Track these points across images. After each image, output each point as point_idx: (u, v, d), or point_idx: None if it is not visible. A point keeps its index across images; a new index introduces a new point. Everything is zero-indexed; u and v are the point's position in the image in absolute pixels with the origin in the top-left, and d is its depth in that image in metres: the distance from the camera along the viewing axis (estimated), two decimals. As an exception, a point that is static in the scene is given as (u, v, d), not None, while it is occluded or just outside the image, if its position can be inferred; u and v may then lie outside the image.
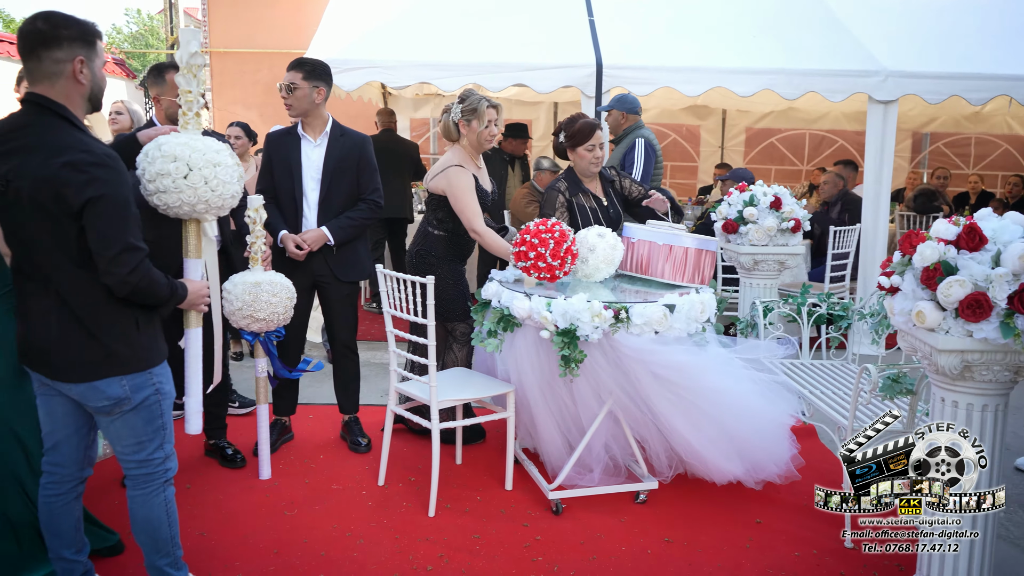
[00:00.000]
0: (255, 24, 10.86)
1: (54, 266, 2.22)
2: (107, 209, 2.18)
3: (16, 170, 2.16)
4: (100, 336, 2.26)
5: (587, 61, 6.21)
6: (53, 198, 2.14)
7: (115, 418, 2.36)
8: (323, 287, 4.02)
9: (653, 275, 3.71)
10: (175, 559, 2.53)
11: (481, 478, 3.75)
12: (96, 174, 2.16)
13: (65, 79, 2.24)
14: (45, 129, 2.20)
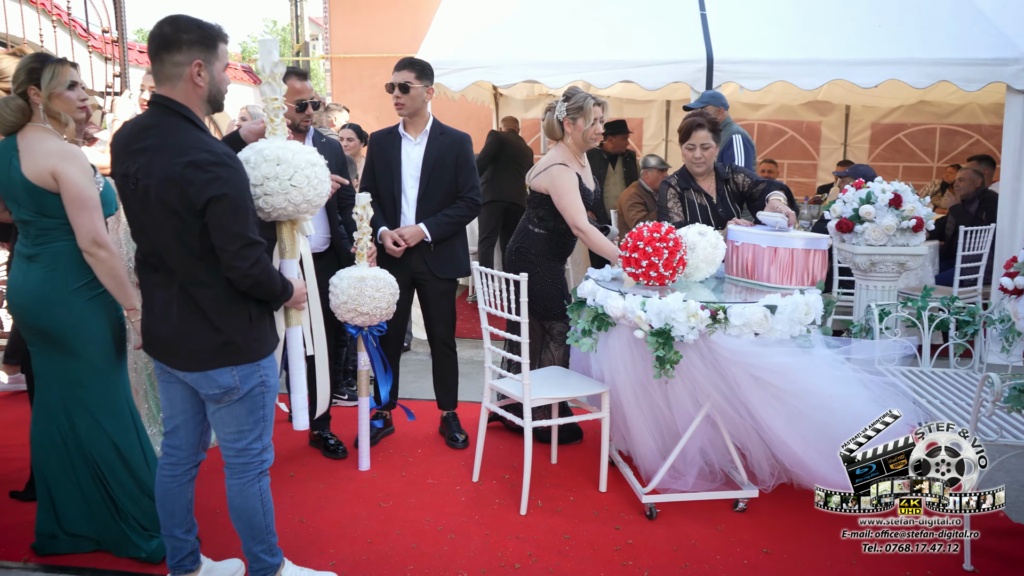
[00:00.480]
0: (373, 29, 11.20)
1: (177, 259, 2.34)
2: (229, 206, 2.28)
3: (144, 169, 2.29)
4: (218, 327, 2.37)
5: (697, 56, 6.06)
6: (178, 196, 2.25)
7: (222, 406, 2.47)
8: (421, 284, 4.08)
9: (759, 279, 3.54)
10: (269, 546, 2.62)
11: (575, 478, 3.71)
12: (218, 173, 2.26)
13: (184, 81, 2.35)
14: (170, 130, 2.32)
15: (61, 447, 2.86)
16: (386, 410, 4.25)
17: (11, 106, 2.69)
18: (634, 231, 3.44)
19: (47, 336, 2.78)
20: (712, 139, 3.92)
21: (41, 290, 2.73)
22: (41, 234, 2.73)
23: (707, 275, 3.60)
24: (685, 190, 4.02)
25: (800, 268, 3.46)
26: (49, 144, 2.69)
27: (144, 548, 2.91)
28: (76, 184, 2.65)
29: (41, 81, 2.71)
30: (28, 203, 2.70)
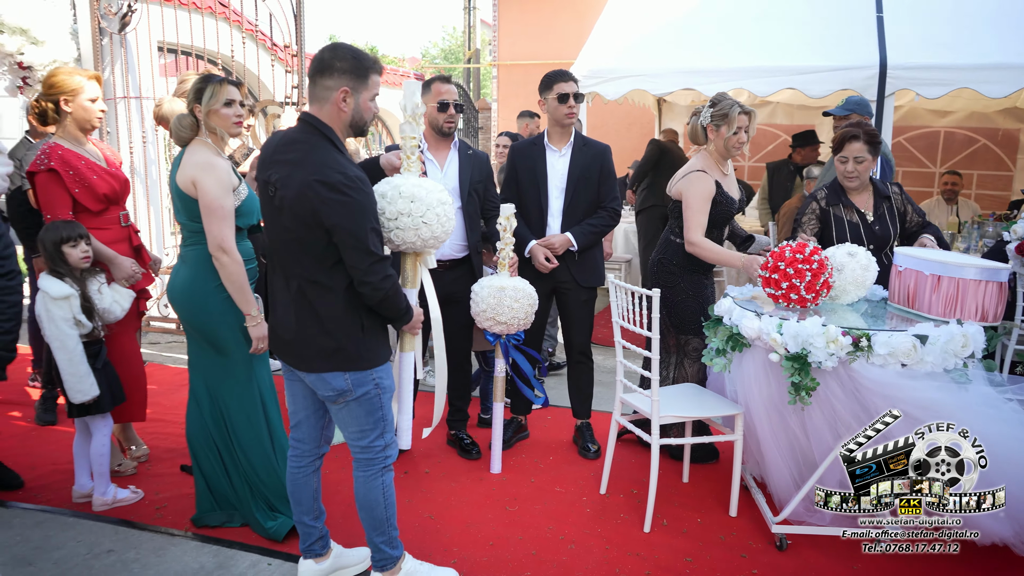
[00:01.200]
0: (539, 37, 11.40)
1: (301, 267, 2.52)
2: (359, 226, 2.44)
3: (284, 180, 2.48)
4: (332, 334, 2.53)
5: (868, 62, 5.73)
6: (310, 211, 2.42)
7: (341, 407, 2.63)
8: (563, 292, 4.13)
9: (920, 310, 3.26)
10: (390, 538, 2.76)
11: (705, 500, 3.63)
12: (350, 195, 2.41)
13: (330, 105, 2.53)
14: (311, 147, 2.50)
15: (206, 429, 3.18)
16: (521, 415, 4.33)
17: (183, 123, 3.01)
18: (776, 250, 3.31)
19: (193, 328, 3.12)
20: (868, 152, 3.68)
21: (187, 287, 3.05)
22: (189, 236, 3.05)
23: (855, 298, 3.41)
24: (833, 206, 3.82)
25: (969, 301, 3.12)
26: (197, 155, 2.98)
27: (266, 525, 3.17)
28: (209, 193, 2.91)
29: (202, 99, 3.00)
30: (181, 208, 3.02)
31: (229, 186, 2.99)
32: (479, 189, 3.96)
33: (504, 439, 4.15)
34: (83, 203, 3.44)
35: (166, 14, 6.57)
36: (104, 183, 3.50)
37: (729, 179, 3.90)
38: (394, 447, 2.75)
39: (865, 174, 3.75)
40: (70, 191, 3.39)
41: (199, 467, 3.23)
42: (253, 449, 3.16)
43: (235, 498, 3.23)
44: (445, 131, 3.87)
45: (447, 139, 3.91)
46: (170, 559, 3.05)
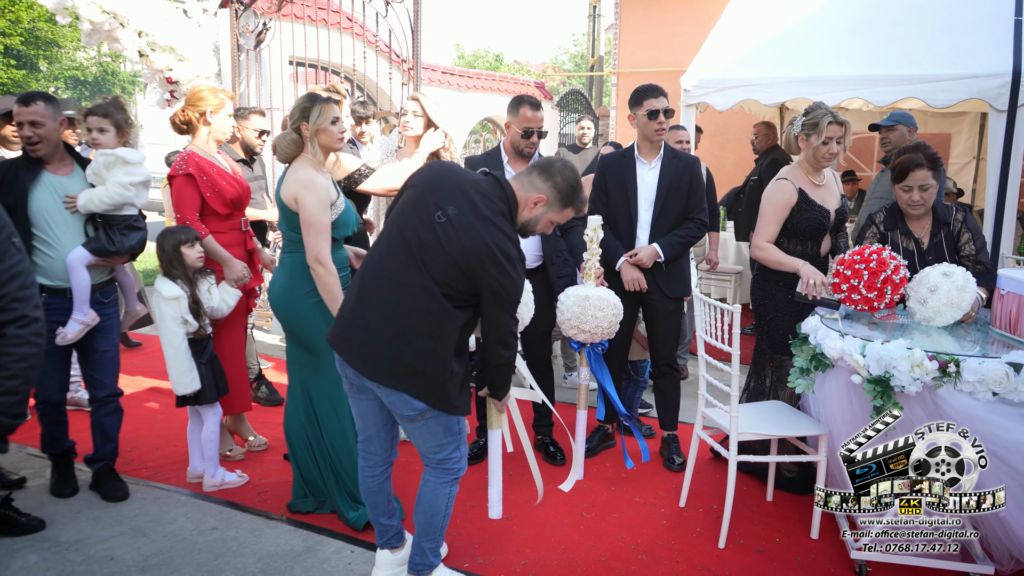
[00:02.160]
0: (659, 44, 11.33)
1: (432, 297, 2.58)
2: (510, 300, 2.62)
3: (462, 220, 2.56)
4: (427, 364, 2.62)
5: (999, 70, 5.41)
6: (475, 263, 2.54)
7: (419, 423, 2.71)
8: (649, 303, 4.15)
9: (1021, 335, 3.11)
10: (437, 545, 2.87)
11: (787, 521, 3.57)
12: (508, 269, 2.56)
13: (529, 195, 2.73)
14: (499, 212, 2.62)
15: (300, 422, 3.42)
16: (608, 423, 4.38)
17: (287, 140, 3.25)
18: (840, 256, 3.28)
19: (288, 329, 3.37)
20: (932, 178, 3.47)
21: (284, 291, 3.29)
22: (288, 244, 3.28)
23: (951, 320, 3.25)
24: (891, 230, 3.64)
25: (1077, 328, 2.97)
26: (300, 172, 3.20)
27: (348, 515, 3.38)
28: (308, 209, 3.13)
29: (309, 118, 3.23)
30: (283, 219, 3.26)
31: (327, 202, 3.20)
32: None
33: (590, 447, 4.21)
34: (213, 206, 3.78)
35: (296, 30, 7.02)
36: (232, 189, 3.83)
37: (823, 188, 3.80)
38: (466, 459, 2.86)
39: (930, 201, 3.55)
40: (203, 195, 3.74)
41: (294, 457, 3.49)
42: (339, 442, 3.37)
43: (324, 487, 3.46)
44: (525, 155, 4.00)
45: (526, 159, 4.01)
46: (265, 540, 3.31)
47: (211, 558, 3.17)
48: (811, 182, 3.76)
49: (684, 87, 6.27)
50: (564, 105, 12.48)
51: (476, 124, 12.66)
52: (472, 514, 3.57)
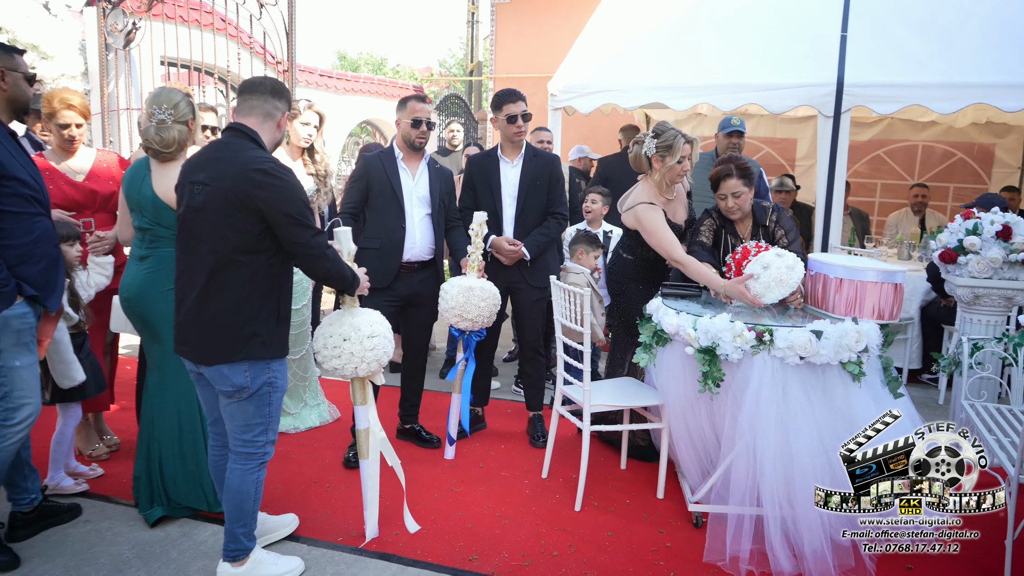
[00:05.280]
0: (534, 51, 11.75)
1: (225, 247, 2.72)
2: (294, 205, 2.74)
3: (216, 175, 2.72)
4: (247, 318, 2.76)
5: (826, 79, 6.01)
6: (244, 197, 2.67)
7: (233, 401, 2.83)
8: (516, 292, 4.45)
9: (827, 310, 3.56)
10: (250, 530, 2.96)
11: (638, 485, 3.93)
12: (271, 181, 2.70)
13: (272, 122, 2.93)
14: (240, 147, 2.78)
15: (149, 415, 3.47)
16: (479, 407, 4.64)
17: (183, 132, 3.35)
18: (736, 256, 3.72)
19: (145, 323, 3.42)
20: (743, 185, 3.87)
21: (145, 285, 3.35)
22: (154, 240, 3.36)
23: (779, 296, 3.60)
24: (722, 227, 4.06)
25: (867, 302, 3.42)
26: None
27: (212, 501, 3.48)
28: None
29: (196, 114, 3.37)
30: (151, 214, 3.33)
31: None
32: (445, 200, 4.29)
33: (462, 430, 4.46)
34: None
35: (167, 30, 6.97)
36: (59, 193, 3.84)
37: (674, 203, 4.12)
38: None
39: (745, 205, 3.94)
40: None
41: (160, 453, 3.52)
42: (189, 433, 3.44)
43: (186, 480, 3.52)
44: (416, 145, 4.17)
45: (419, 152, 4.22)
46: (140, 528, 3.39)
47: (85, 548, 3.23)
48: (665, 199, 4.06)
49: (551, 92, 6.64)
50: (443, 109, 12.72)
51: (355, 127, 12.72)
52: (346, 494, 3.75)
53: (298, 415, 4.60)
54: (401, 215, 4.10)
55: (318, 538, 3.35)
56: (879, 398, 3.34)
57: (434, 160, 4.33)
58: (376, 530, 3.38)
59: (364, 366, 3.15)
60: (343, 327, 3.13)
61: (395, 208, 4.11)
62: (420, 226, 4.16)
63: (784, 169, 9.65)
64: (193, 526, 3.42)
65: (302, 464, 4.10)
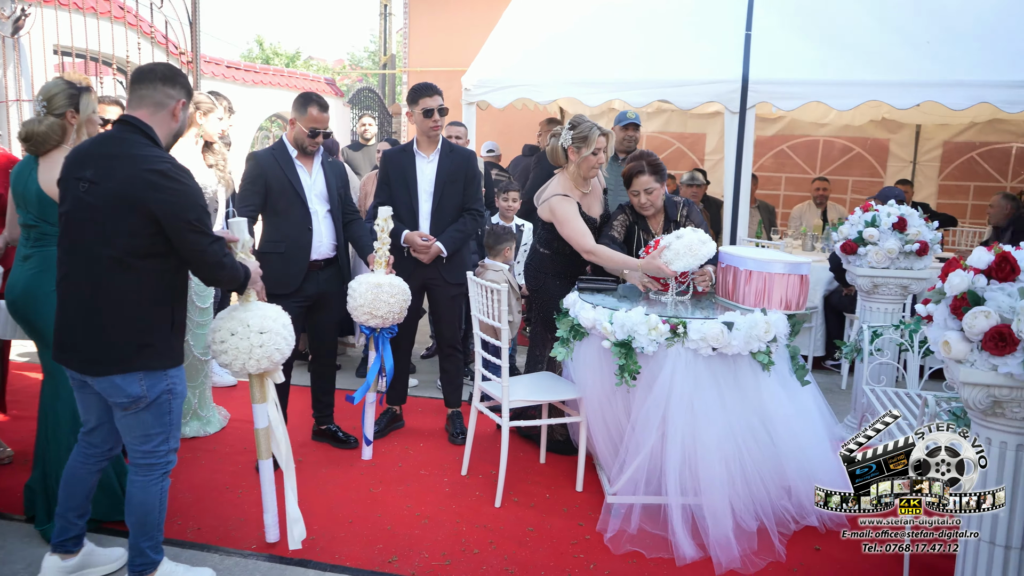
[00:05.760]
0: (448, 45, 11.68)
1: (114, 253, 2.54)
2: (189, 217, 2.58)
3: (104, 173, 2.53)
4: (138, 328, 2.60)
5: (732, 76, 6.16)
6: (137, 199, 2.49)
7: (130, 412, 2.66)
8: (432, 289, 4.41)
9: (739, 302, 3.65)
10: (156, 543, 2.81)
11: (557, 478, 3.95)
12: (168, 183, 2.53)
13: (165, 111, 2.73)
14: (134, 143, 2.59)
15: (44, 424, 3.28)
16: (396, 405, 4.59)
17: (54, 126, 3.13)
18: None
19: (32, 328, 3.20)
20: (655, 182, 3.96)
21: (30, 286, 3.13)
22: (40, 238, 3.15)
23: (687, 265, 3.65)
24: (635, 222, 4.13)
25: (775, 293, 3.52)
26: None
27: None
28: None
29: (79, 106, 3.16)
30: (36, 210, 3.13)
31: None
32: (342, 194, 4.22)
33: (378, 428, 4.40)
34: None
35: (61, 17, 6.60)
36: None
37: (589, 197, 4.14)
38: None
39: (657, 201, 4.02)
40: None
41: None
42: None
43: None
44: (308, 152, 4.04)
45: (309, 156, 4.08)
46: (36, 544, 3.20)
47: (-25, 568, 3.04)
48: (581, 192, 4.10)
49: (465, 86, 6.60)
50: (356, 102, 12.52)
51: (264, 120, 12.38)
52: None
53: (207, 418, 4.44)
54: (307, 215, 4.01)
55: (231, 547, 3.24)
56: (787, 386, 3.46)
57: (326, 154, 4.23)
58: (277, 534, 3.27)
59: (253, 362, 3.03)
60: (232, 322, 3.02)
61: (299, 208, 4.00)
62: (324, 224, 4.08)
63: (694, 164, 9.88)
64: (98, 540, 3.24)
65: (213, 470, 3.96)
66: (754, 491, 3.34)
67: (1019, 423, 2.32)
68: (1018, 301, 2.22)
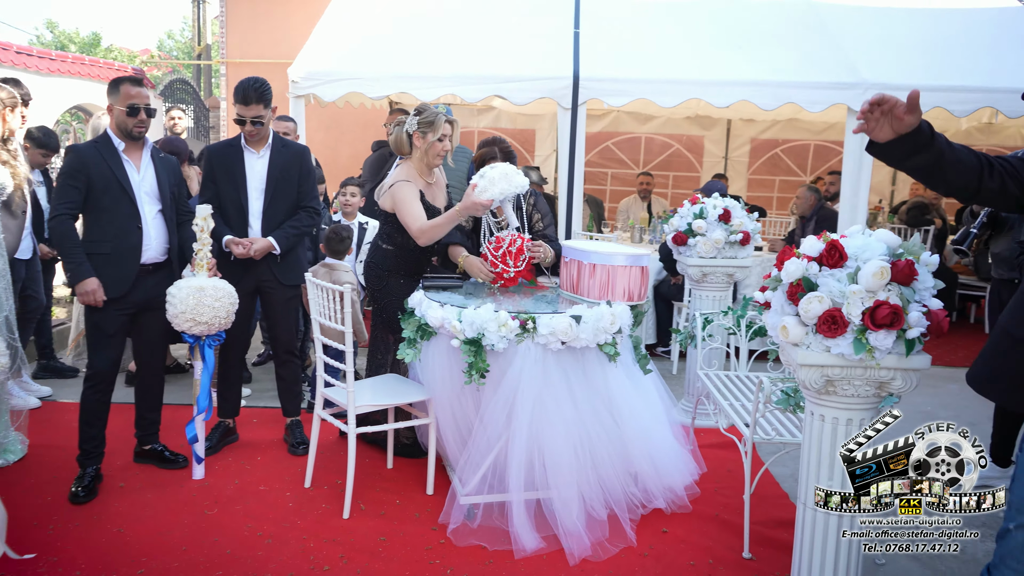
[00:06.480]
0: (269, 35, 11.15)
1: None
2: None
3: None
4: None
5: (564, 73, 6.28)
6: None
7: None
8: (266, 292, 4.15)
9: (583, 295, 3.68)
10: None
11: (406, 483, 3.83)
12: None
13: None
14: None
15: None
16: (228, 418, 4.28)
17: None
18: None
19: None
20: None
21: None
22: None
23: (503, 192, 3.71)
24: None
25: (619, 285, 3.59)
26: None
27: None
28: None
29: None
30: None
31: None
32: (175, 192, 3.88)
33: (210, 444, 4.08)
34: None
35: None
36: None
37: (433, 188, 4.05)
38: None
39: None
40: None
41: None
42: None
43: None
44: (135, 135, 3.70)
45: (139, 141, 3.76)
46: None
47: None
48: (425, 182, 3.98)
49: (292, 78, 6.30)
50: (169, 95, 11.69)
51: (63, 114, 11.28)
52: (76, 533, 3.27)
53: (5, 446, 3.94)
54: (135, 214, 3.66)
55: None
56: (632, 375, 3.54)
57: (157, 148, 3.88)
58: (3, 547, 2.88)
59: None
60: None
61: (126, 206, 3.64)
62: (154, 224, 3.74)
63: (526, 160, 10.03)
64: None
65: (17, 504, 3.49)
66: (604, 480, 3.39)
67: (849, 399, 2.48)
68: (847, 286, 2.36)
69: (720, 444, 4.32)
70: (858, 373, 2.42)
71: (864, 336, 2.34)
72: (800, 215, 6.83)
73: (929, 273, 2.39)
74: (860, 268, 2.38)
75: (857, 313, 2.33)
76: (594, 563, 3.13)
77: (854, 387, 2.45)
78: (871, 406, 2.51)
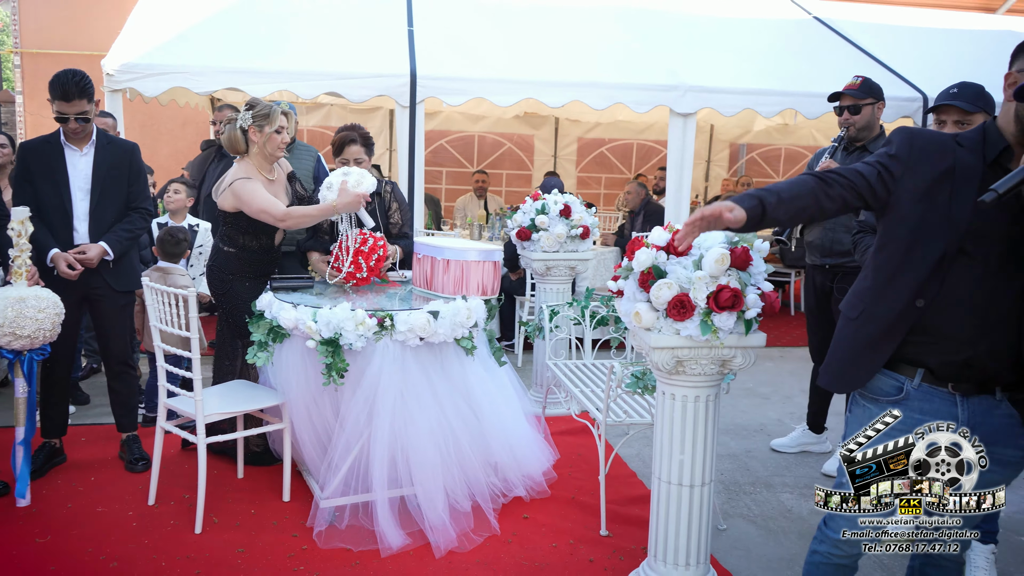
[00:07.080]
0: (71, 24, 10.29)
1: None
2: None
3: None
4: None
5: (401, 71, 6.27)
6: None
7: None
8: (96, 299, 3.85)
9: (437, 290, 3.70)
10: None
11: (261, 491, 3.70)
12: None
13: None
14: None
15: None
16: (54, 438, 3.94)
17: None
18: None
19: None
20: (364, 153, 4.04)
21: None
22: None
23: (371, 186, 3.84)
24: None
25: (472, 279, 3.66)
26: None
27: None
28: None
29: None
30: None
31: None
32: None
33: (35, 468, 3.74)
34: None
35: None
36: None
37: (275, 185, 3.90)
38: None
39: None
40: None
41: None
42: None
43: None
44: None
45: None
46: None
47: None
48: (266, 178, 3.83)
49: (107, 71, 5.86)
50: (-47, 87, 10.49)
51: None
52: None
53: None
54: None
55: None
56: (488, 368, 3.62)
57: None
58: None
59: None
60: None
61: None
62: None
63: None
64: None
65: None
66: (467, 472, 3.45)
67: (696, 378, 2.67)
68: (693, 272, 2.55)
69: (570, 430, 4.50)
70: (704, 353, 2.62)
71: (709, 318, 2.53)
72: (630, 210, 7.21)
73: (761, 258, 2.64)
74: (703, 255, 2.57)
75: (703, 297, 2.52)
76: (460, 554, 3.18)
77: (701, 366, 2.65)
78: (715, 383, 2.73)
